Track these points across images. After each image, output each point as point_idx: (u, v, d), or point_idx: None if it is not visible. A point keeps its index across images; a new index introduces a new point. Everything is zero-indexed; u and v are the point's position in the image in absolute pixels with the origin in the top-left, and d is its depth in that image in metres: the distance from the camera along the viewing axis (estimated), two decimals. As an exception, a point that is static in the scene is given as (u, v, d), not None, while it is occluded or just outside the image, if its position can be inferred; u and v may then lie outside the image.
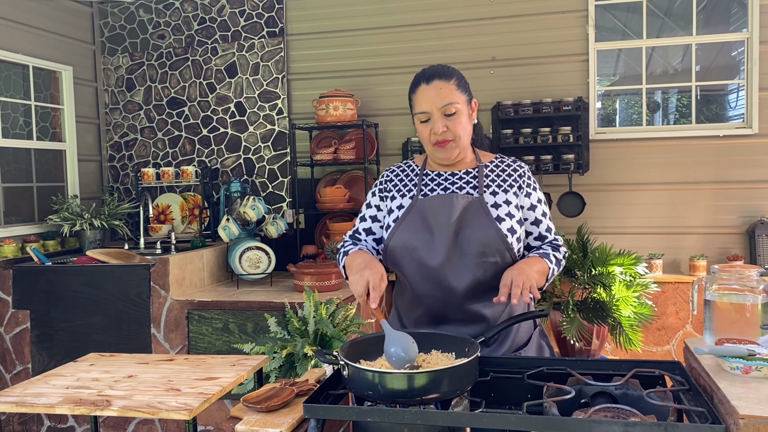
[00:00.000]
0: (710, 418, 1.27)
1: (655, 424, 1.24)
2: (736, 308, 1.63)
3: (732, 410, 1.23)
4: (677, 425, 1.23)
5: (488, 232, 1.82)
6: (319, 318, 2.82)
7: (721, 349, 1.44)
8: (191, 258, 3.87)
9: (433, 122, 1.84)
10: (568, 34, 4.22)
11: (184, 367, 1.83)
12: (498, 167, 1.97)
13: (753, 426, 1.18)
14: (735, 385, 1.35)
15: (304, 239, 4.50)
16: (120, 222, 4.47)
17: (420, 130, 1.88)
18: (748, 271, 1.64)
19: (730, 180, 4.06)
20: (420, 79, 1.87)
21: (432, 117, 1.84)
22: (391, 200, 1.95)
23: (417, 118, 1.87)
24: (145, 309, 3.67)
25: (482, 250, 1.81)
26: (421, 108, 1.84)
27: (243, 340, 3.47)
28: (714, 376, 1.42)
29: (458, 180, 1.94)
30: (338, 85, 4.46)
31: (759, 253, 3.91)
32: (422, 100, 1.84)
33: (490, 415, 1.34)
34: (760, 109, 3.99)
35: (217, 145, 4.79)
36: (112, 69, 5.01)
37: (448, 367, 1.45)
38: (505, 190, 1.92)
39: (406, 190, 1.95)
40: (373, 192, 2.03)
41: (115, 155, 5.03)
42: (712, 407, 1.34)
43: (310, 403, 1.43)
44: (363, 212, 2.02)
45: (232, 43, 4.76)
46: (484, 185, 1.91)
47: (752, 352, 1.42)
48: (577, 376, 1.56)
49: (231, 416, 1.58)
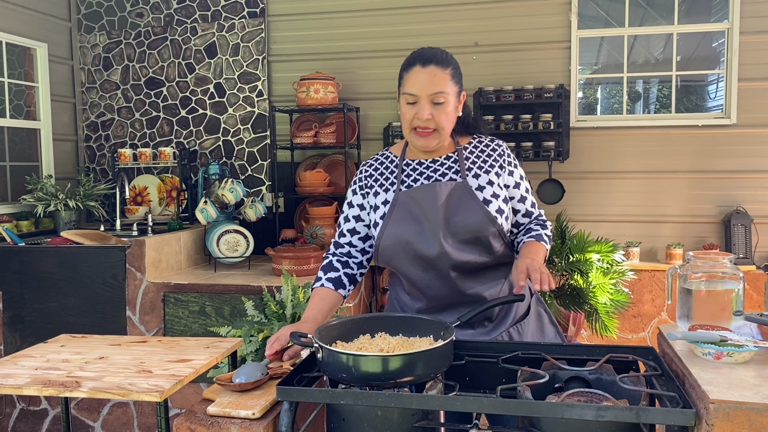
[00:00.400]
0: (681, 403, 1.28)
1: (627, 408, 1.24)
2: (710, 295, 1.65)
3: (703, 395, 1.24)
4: (649, 409, 1.24)
5: (477, 215, 1.80)
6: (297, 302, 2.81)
7: (694, 335, 1.45)
8: (168, 240, 3.83)
9: (419, 107, 1.79)
10: (551, 20, 4.21)
11: (157, 349, 1.81)
12: (477, 148, 1.94)
13: (723, 410, 1.19)
14: (706, 371, 1.36)
15: (283, 223, 4.47)
16: (96, 203, 4.40)
17: (404, 110, 1.83)
18: (722, 259, 1.65)
19: (708, 170, 4.09)
20: (416, 59, 1.81)
21: (419, 101, 1.79)
22: (374, 196, 1.90)
23: (404, 98, 1.81)
24: (121, 291, 3.63)
25: (475, 235, 1.80)
26: (410, 89, 1.79)
27: (220, 324, 3.44)
28: (686, 361, 1.43)
29: (440, 167, 1.90)
30: (319, 68, 4.42)
31: (734, 242, 3.96)
32: (414, 82, 1.79)
33: (464, 399, 1.34)
34: (739, 100, 4.02)
35: (196, 126, 4.73)
36: (88, 47, 4.91)
37: (422, 351, 1.44)
38: (487, 171, 1.89)
39: (388, 184, 1.90)
40: (353, 190, 1.96)
41: (92, 135, 4.94)
42: (683, 392, 1.34)
43: (283, 386, 1.41)
44: (345, 212, 1.96)
45: (212, 23, 4.68)
46: (466, 168, 1.89)
47: (724, 338, 1.43)
48: (552, 361, 1.57)
49: (204, 398, 1.56)
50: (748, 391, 1.23)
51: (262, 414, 1.44)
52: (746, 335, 1.52)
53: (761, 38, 3.97)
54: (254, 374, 1.57)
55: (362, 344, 1.62)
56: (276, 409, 1.49)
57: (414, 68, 1.80)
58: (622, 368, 1.58)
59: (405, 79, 1.82)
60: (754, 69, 3.99)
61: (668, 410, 1.24)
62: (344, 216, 1.97)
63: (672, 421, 1.23)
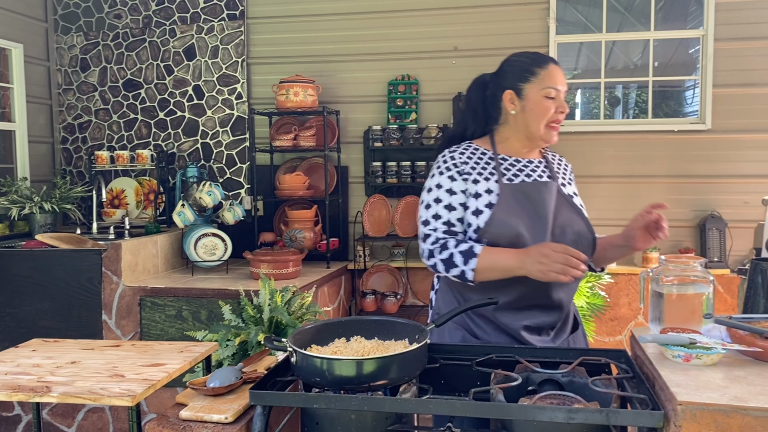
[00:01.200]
0: (651, 405, 1.29)
1: (597, 411, 1.26)
2: (681, 298, 1.67)
3: (671, 397, 1.25)
4: (618, 411, 1.26)
5: (578, 221, 1.90)
6: (275, 306, 2.80)
7: (664, 338, 1.47)
8: (145, 243, 3.79)
9: (561, 100, 1.89)
10: (530, 26, 4.24)
11: (131, 353, 1.79)
12: (554, 159, 2.06)
13: (690, 412, 1.20)
14: (676, 373, 1.38)
15: (262, 226, 4.45)
16: (72, 206, 4.35)
17: (545, 105, 1.88)
18: (693, 262, 1.67)
19: (684, 174, 4.14)
20: (548, 59, 1.92)
21: (558, 96, 1.89)
22: (473, 183, 1.88)
23: (544, 92, 1.87)
24: (96, 295, 3.59)
25: (574, 239, 1.86)
26: (555, 84, 1.88)
27: (197, 328, 3.42)
28: (656, 363, 1.45)
29: (535, 168, 1.96)
30: (299, 71, 4.41)
31: (709, 246, 4.01)
32: (557, 78, 1.89)
33: (436, 402, 1.35)
34: (714, 106, 4.08)
35: (174, 128, 4.70)
36: (65, 48, 4.86)
37: (395, 354, 1.44)
38: (569, 183, 2.02)
39: (487, 173, 1.90)
40: (451, 176, 1.89)
41: (68, 137, 4.89)
42: (653, 394, 1.36)
43: (256, 390, 1.41)
44: (445, 200, 1.88)
45: (190, 25, 4.66)
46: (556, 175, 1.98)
47: (693, 341, 1.45)
48: (525, 364, 1.58)
49: (177, 402, 1.55)
50: (715, 392, 1.25)
51: (235, 418, 1.43)
52: (716, 338, 1.54)
53: (735, 45, 4.04)
54: (228, 378, 1.57)
55: (337, 348, 1.61)
56: (249, 414, 1.48)
57: (550, 65, 1.90)
58: (596, 371, 1.59)
59: (544, 75, 1.89)
60: (729, 75, 4.05)
61: (637, 412, 1.25)
62: (445, 204, 1.88)
63: (641, 423, 1.24)
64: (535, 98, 1.88)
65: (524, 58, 1.93)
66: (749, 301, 1.74)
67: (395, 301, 4.13)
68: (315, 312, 2.94)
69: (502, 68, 1.98)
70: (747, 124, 4.04)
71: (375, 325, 1.71)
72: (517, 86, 1.91)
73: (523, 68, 1.91)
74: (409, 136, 4.26)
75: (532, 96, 1.89)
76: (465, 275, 1.78)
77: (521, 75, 1.91)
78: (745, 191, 4.00)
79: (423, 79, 4.39)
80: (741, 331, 1.50)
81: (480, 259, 1.76)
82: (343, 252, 4.45)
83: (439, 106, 4.38)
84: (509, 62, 1.97)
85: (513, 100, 1.92)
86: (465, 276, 1.78)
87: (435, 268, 1.85)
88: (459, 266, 1.78)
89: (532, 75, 1.89)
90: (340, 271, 4.20)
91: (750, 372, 1.38)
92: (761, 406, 1.18)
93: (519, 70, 1.92)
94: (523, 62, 1.92)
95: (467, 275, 1.78)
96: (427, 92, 4.39)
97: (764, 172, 3.98)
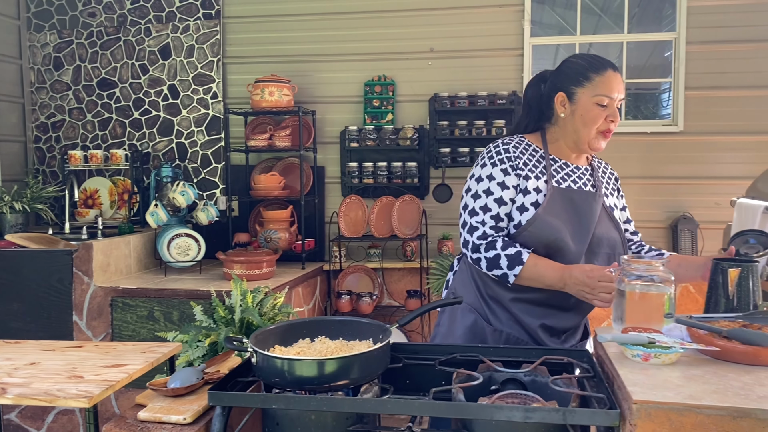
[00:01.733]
0: (609, 404, 1.30)
1: (554, 410, 1.26)
2: (643, 298, 1.68)
3: (627, 395, 1.26)
4: (575, 410, 1.26)
5: (616, 235, 1.91)
6: (246, 306, 2.78)
7: (623, 337, 1.48)
8: (117, 244, 3.75)
9: (612, 110, 1.84)
10: (505, 28, 4.26)
11: (92, 354, 1.77)
12: (600, 167, 2.05)
13: (645, 410, 1.21)
14: (634, 372, 1.39)
15: (237, 227, 4.42)
16: (44, 206, 4.30)
17: (594, 112, 1.84)
18: (656, 263, 1.68)
19: (656, 176, 4.18)
20: (606, 64, 1.86)
21: (612, 105, 1.84)
22: (525, 179, 1.86)
23: (596, 99, 1.83)
24: (67, 296, 3.54)
25: (609, 252, 1.89)
26: (608, 92, 1.83)
27: (168, 329, 3.37)
28: (616, 363, 1.46)
29: (582, 175, 1.95)
30: (275, 71, 4.39)
31: (681, 247, 4.05)
32: (612, 85, 1.83)
33: (395, 401, 1.35)
34: (686, 108, 4.12)
35: (149, 128, 4.66)
36: (38, 46, 4.80)
37: (355, 354, 1.44)
38: (611, 193, 2.02)
39: (538, 172, 1.89)
40: (504, 170, 1.87)
41: (41, 136, 4.83)
42: (611, 393, 1.37)
43: (215, 390, 1.40)
44: (497, 193, 1.86)
45: (166, 24, 4.62)
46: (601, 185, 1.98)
47: (652, 340, 1.46)
48: (488, 363, 1.58)
49: (136, 404, 1.53)
50: (670, 391, 1.26)
51: (194, 419, 1.42)
52: (676, 337, 1.55)
53: (707, 48, 4.09)
54: (189, 379, 1.55)
55: (301, 348, 1.61)
56: (209, 415, 1.47)
57: (608, 71, 1.85)
58: (560, 371, 1.60)
59: (599, 81, 1.84)
60: (701, 78, 4.10)
61: (593, 411, 1.26)
62: (495, 198, 1.86)
63: (597, 422, 1.25)
64: (586, 104, 1.85)
65: (582, 61, 1.89)
66: (710, 301, 1.76)
67: (370, 301, 4.12)
68: (287, 313, 2.92)
69: (560, 68, 1.95)
70: (718, 126, 4.09)
71: (340, 326, 1.71)
72: (570, 89, 1.88)
73: (578, 71, 1.88)
74: (385, 137, 4.26)
75: (583, 101, 1.86)
76: (506, 278, 1.81)
77: (575, 78, 1.88)
78: (716, 192, 4.05)
79: (399, 79, 4.39)
80: (700, 330, 1.52)
81: (525, 269, 1.78)
82: (319, 252, 4.43)
83: (415, 107, 4.38)
84: (567, 63, 1.93)
85: (564, 103, 1.90)
86: (506, 278, 1.81)
87: (477, 263, 1.85)
88: (503, 269, 1.80)
89: (586, 80, 1.86)
90: (315, 272, 4.19)
91: (707, 371, 1.39)
92: (714, 405, 1.20)
93: (574, 73, 1.89)
94: (580, 65, 1.88)
95: (509, 279, 1.80)
96: (403, 93, 4.39)
97: (735, 173, 4.03)
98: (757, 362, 1.42)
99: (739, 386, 1.29)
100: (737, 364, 1.43)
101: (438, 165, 4.23)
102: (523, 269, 1.78)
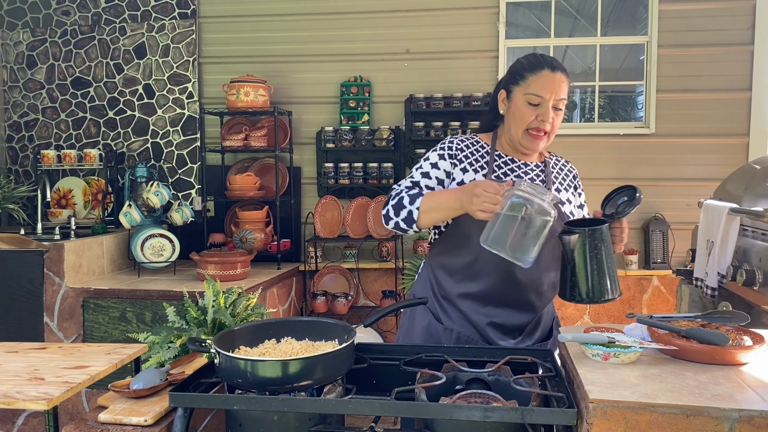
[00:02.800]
0: (567, 403, 1.32)
1: (513, 409, 1.28)
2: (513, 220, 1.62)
3: (585, 395, 1.28)
4: (533, 410, 1.28)
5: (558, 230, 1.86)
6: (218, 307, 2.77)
7: (583, 337, 1.50)
8: (89, 244, 3.72)
9: (543, 109, 1.84)
10: (480, 29, 4.28)
11: (56, 355, 1.76)
12: (557, 164, 2.04)
13: (601, 409, 1.23)
14: (594, 371, 1.40)
15: (213, 227, 4.40)
16: (16, 206, 4.24)
17: (524, 111, 1.85)
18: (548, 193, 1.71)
19: (629, 177, 4.22)
20: (543, 63, 1.86)
21: (544, 104, 1.84)
22: (462, 171, 1.90)
23: (527, 98, 1.85)
24: (38, 297, 3.50)
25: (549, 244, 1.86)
26: (539, 91, 1.83)
27: (140, 330, 3.37)
28: (577, 362, 1.47)
29: (530, 171, 1.95)
30: (251, 71, 4.38)
31: (652, 248, 4.10)
32: (544, 84, 1.83)
33: (356, 402, 1.35)
34: (657, 110, 4.17)
35: (124, 128, 4.62)
36: (11, 44, 4.74)
37: (319, 354, 1.44)
38: (566, 189, 2.00)
39: (478, 166, 1.92)
40: (441, 155, 1.95)
41: (14, 135, 4.77)
42: (571, 392, 1.39)
43: (176, 392, 1.39)
44: (426, 169, 1.94)
45: (141, 23, 4.59)
46: (551, 182, 1.97)
47: (612, 340, 1.48)
48: (452, 363, 1.59)
49: (98, 405, 1.52)
50: (626, 390, 1.28)
51: (155, 421, 1.41)
52: (637, 337, 1.57)
53: (677, 52, 4.14)
54: (153, 380, 1.55)
55: (266, 349, 1.61)
56: (172, 416, 1.46)
57: (543, 71, 1.85)
58: (523, 370, 1.62)
59: (532, 81, 1.85)
60: (672, 81, 4.15)
61: (551, 410, 1.28)
62: (423, 172, 1.94)
63: (554, 421, 1.27)
64: (518, 102, 1.87)
65: (523, 60, 1.92)
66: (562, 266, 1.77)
67: (346, 302, 4.12)
68: (261, 314, 2.91)
69: (510, 67, 1.98)
70: (689, 129, 4.15)
71: (306, 326, 1.72)
72: (509, 87, 1.91)
73: (517, 70, 1.90)
74: (361, 138, 4.26)
75: (516, 99, 1.88)
76: (412, 215, 1.81)
77: (513, 77, 1.90)
78: (686, 194, 4.10)
79: (375, 81, 4.40)
80: (660, 330, 1.54)
81: (425, 199, 1.80)
82: (295, 253, 4.43)
83: (391, 108, 4.39)
84: (515, 62, 1.96)
85: (504, 100, 1.94)
86: (411, 216, 1.81)
87: (388, 216, 1.87)
88: (406, 206, 1.82)
89: (521, 78, 1.87)
90: (291, 272, 4.18)
91: (665, 370, 1.41)
92: (669, 403, 1.21)
93: (515, 72, 1.91)
94: (521, 64, 1.91)
95: (413, 215, 1.81)
96: (379, 94, 4.40)
97: (705, 175, 4.09)
98: (713, 361, 1.44)
99: (694, 385, 1.31)
100: (695, 363, 1.45)
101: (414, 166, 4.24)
102: (423, 199, 1.80)
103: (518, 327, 1.93)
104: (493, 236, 1.61)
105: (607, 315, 4.14)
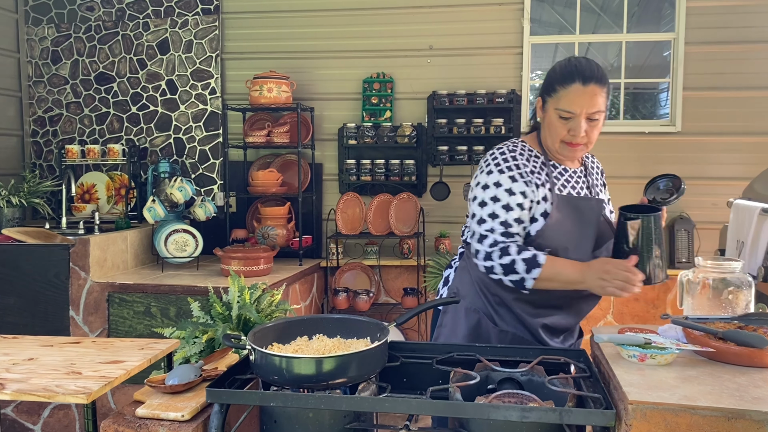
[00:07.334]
0: (605, 404, 1.31)
1: (551, 409, 1.27)
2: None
3: (623, 396, 1.27)
4: (571, 410, 1.27)
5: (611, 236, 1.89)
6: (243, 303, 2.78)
7: (619, 338, 1.49)
8: (114, 239, 3.75)
9: (576, 124, 1.80)
10: (504, 26, 4.26)
11: (90, 350, 1.77)
12: (592, 165, 2.06)
13: (640, 411, 1.22)
14: (630, 372, 1.40)
15: (234, 223, 4.42)
16: (41, 200, 4.28)
17: (556, 125, 1.82)
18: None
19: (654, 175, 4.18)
20: (575, 75, 1.79)
21: (576, 119, 1.80)
22: (535, 187, 1.83)
23: (557, 112, 1.81)
24: (64, 291, 3.54)
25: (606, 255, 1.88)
26: (569, 107, 1.79)
27: (165, 325, 3.39)
28: (612, 363, 1.47)
29: (579, 179, 1.95)
30: (274, 67, 4.39)
31: (678, 247, 4.06)
32: (573, 100, 1.78)
33: (393, 400, 1.35)
34: (684, 108, 4.13)
35: (147, 123, 4.65)
36: (36, 40, 4.79)
37: (354, 352, 1.45)
38: (601, 189, 2.03)
39: (543, 180, 1.86)
40: (512, 177, 1.82)
41: (39, 130, 4.82)
42: (607, 393, 1.38)
43: (213, 388, 1.40)
44: (505, 200, 1.80)
45: (164, 18, 4.61)
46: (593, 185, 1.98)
47: (648, 341, 1.46)
48: (485, 363, 1.59)
49: (135, 400, 1.54)
50: (666, 392, 1.27)
51: (192, 416, 1.42)
52: (672, 338, 1.56)
53: (705, 49, 4.09)
54: (187, 376, 1.56)
55: (299, 346, 1.61)
56: (207, 412, 1.47)
57: (574, 85, 1.79)
58: (556, 370, 1.61)
59: (562, 95, 1.80)
60: (698, 78, 4.10)
61: (590, 411, 1.27)
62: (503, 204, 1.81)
63: (593, 422, 1.26)
64: (551, 114, 1.84)
65: (557, 68, 1.86)
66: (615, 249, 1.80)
67: (367, 299, 4.13)
68: (285, 310, 2.92)
69: (546, 73, 1.93)
70: (716, 127, 4.10)
71: (337, 324, 1.72)
72: (544, 96, 1.88)
73: (550, 81, 1.86)
74: (383, 134, 4.26)
75: (549, 111, 1.85)
76: (524, 282, 1.75)
77: (547, 87, 1.87)
78: (713, 193, 4.05)
79: (398, 77, 4.39)
80: (696, 331, 1.53)
81: (544, 270, 1.73)
82: (316, 249, 4.44)
83: (413, 105, 4.38)
84: (551, 68, 1.90)
85: (540, 109, 1.91)
86: (524, 283, 1.76)
87: (492, 270, 1.79)
88: (520, 274, 1.75)
89: (553, 91, 1.83)
90: (312, 269, 4.19)
91: (702, 372, 1.40)
92: (709, 406, 1.20)
93: (547, 81, 1.87)
94: (554, 74, 1.86)
95: (527, 283, 1.75)
96: (402, 91, 4.39)
97: (732, 174, 4.04)
98: (752, 364, 1.43)
99: (734, 387, 1.30)
100: (732, 366, 1.44)
101: (436, 163, 4.23)
102: (543, 270, 1.73)
103: (567, 328, 1.94)
104: None
105: (631, 315, 4.11)
